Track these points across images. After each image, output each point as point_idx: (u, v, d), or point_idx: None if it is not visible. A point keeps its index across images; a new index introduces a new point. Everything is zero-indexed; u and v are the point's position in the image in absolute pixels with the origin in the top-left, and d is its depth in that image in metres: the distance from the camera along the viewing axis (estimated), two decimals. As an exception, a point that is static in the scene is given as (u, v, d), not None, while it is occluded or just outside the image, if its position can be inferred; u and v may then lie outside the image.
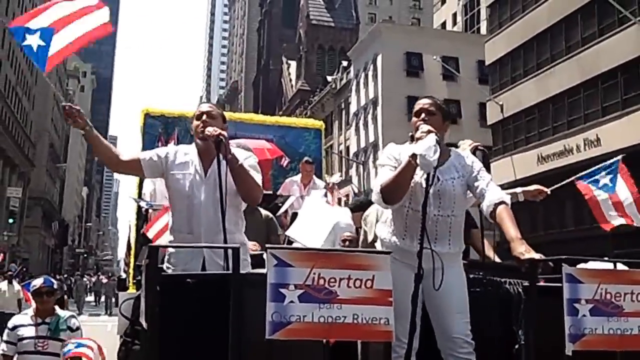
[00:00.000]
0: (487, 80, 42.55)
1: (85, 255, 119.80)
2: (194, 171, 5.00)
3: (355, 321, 3.84)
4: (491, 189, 4.67)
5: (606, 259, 6.33)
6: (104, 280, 47.82)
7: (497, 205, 4.54)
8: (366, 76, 59.38)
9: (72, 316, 7.15)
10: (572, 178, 8.14)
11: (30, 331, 6.91)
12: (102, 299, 44.87)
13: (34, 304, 7.33)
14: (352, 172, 60.22)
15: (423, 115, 4.74)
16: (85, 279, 50.13)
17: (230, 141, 5.10)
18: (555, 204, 29.60)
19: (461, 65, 54.16)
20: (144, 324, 4.28)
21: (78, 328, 7.02)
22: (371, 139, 57.05)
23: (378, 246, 5.02)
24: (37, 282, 7.20)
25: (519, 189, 6.53)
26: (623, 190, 7.97)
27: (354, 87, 62.84)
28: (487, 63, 41.83)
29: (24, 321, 6.97)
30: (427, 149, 4.36)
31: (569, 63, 33.24)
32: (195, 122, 5.08)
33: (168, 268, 4.90)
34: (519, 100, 37.01)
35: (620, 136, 28.72)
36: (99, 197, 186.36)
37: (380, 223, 5.04)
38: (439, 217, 4.65)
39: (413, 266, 4.36)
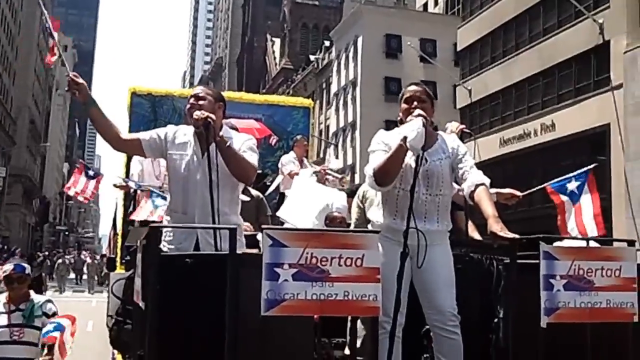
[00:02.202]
0: (461, 65, 45.30)
1: (67, 233, 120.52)
2: (191, 152, 5.17)
3: (345, 298, 4.09)
4: (473, 172, 5.01)
5: (579, 236, 7.52)
6: (88, 260, 48.34)
7: (477, 186, 4.91)
8: (347, 57, 61.82)
9: (48, 301, 6.82)
10: (545, 185, 8.51)
11: (2, 319, 6.56)
12: (84, 277, 46.01)
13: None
14: (330, 151, 62.68)
15: (415, 103, 5.02)
16: (67, 258, 50.73)
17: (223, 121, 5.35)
18: (525, 184, 32.45)
19: (439, 47, 56.86)
20: (141, 304, 4.47)
21: (55, 313, 6.69)
22: (350, 119, 59.67)
23: (370, 228, 5.24)
24: (7, 267, 6.86)
25: (493, 190, 6.30)
26: (587, 204, 8.27)
27: (335, 68, 65.25)
28: (458, 49, 44.55)
29: None
30: (412, 131, 4.68)
31: (531, 52, 35.86)
32: (187, 106, 5.28)
33: (163, 246, 5.02)
34: (485, 85, 39.67)
35: (572, 122, 31.51)
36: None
37: (374, 207, 5.30)
38: (427, 196, 4.93)
39: (403, 244, 4.63)
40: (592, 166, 8.58)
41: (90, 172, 12.09)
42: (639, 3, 28.59)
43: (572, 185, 8.30)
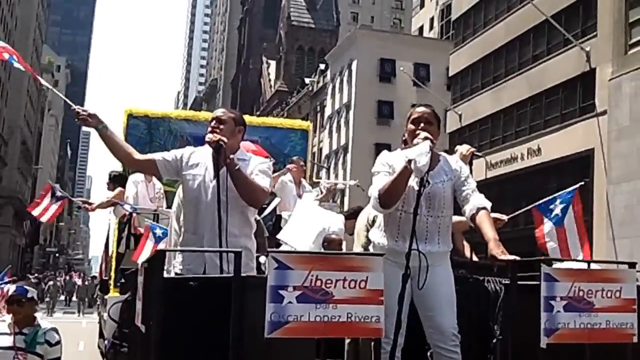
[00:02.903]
0: (453, 89, 46.33)
1: (57, 255, 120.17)
2: (204, 173, 5.33)
3: (349, 319, 4.15)
4: (475, 195, 5.12)
5: (580, 258, 7.57)
6: (79, 282, 48.51)
7: (479, 209, 5.03)
8: (341, 81, 63.45)
9: (53, 329, 6.64)
10: (530, 206, 8.54)
11: (7, 341, 6.46)
12: (74, 298, 46.41)
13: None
14: (322, 174, 63.65)
15: (422, 124, 5.06)
16: (57, 280, 50.79)
17: None
18: (511, 207, 33.53)
19: (432, 71, 58.21)
20: (141, 326, 4.55)
21: (58, 342, 6.55)
22: (342, 141, 60.98)
23: (372, 250, 5.30)
24: (10, 289, 6.82)
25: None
26: (570, 227, 8.26)
27: (329, 91, 66.81)
28: (450, 74, 45.77)
29: (0, 329, 6.49)
30: (419, 154, 4.71)
31: (520, 78, 36.99)
32: (208, 128, 5.42)
33: (174, 266, 5.35)
34: (475, 110, 40.80)
35: (558, 147, 32.66)
36: (72, 194, 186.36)
37: (374, 228, 5.34)
38: (429, 217, 4.99)
39: (404, 266, 4.68)
40: (578, 185, 8.64)
41: (58, 194, 11.90)
42: (624, 32, 29.65)
43: (556, 208, 8.29)
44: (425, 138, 4.85)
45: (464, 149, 6.89)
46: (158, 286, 4.40)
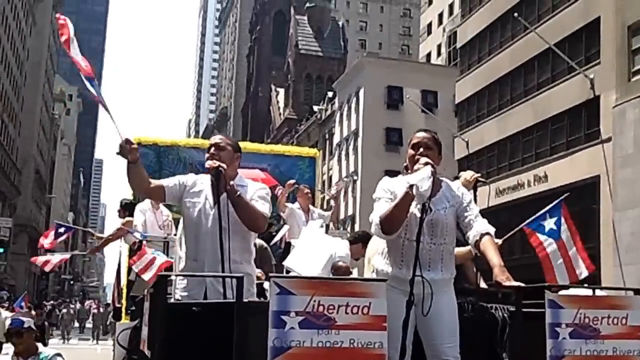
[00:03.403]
0: (461, 116, 46.44)
1: (72, 282, 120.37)
2: (204, 200, 5.32)
3: (351, 345, 4.09)
4: (478, 220, 5.00)
5: (586, 285, 7.12)
6: (94, 310, 48.26)
7: (482, 235, 4.91)
8: (349, 108, 63.54)
9: (57, 354, 6.62)
10: (521, 226, 8.32)
11: None
12: (89, 325, 46.16)
13: None
14: (332, 202, 63.56)
15: (421, 149, 4.99)
16: (71, 307, 50.66)
17: None
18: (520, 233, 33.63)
19: (440, 98, 58.10)
20: (146, 352, 4.54)
21: None
22: (351, 169, 61.02)
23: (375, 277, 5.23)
24: (7, 322, 7.05)
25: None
26: (568, 240, 8.09)
27: (337, 118, 66.97)
28: (456, 102, 45.88)
29: None
30: (421, 179, 4.66)
31: (525, 105, 37.05)
32: (206, 155, 5.42)
33: (175, 293, 5.28)
34: (482, 137, 40.85)
35: (564, 174, 32.59)
36: (85, 222, 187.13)
37: (377, 255, 5.21)
38: (432, 245, 4.90)
39: (408, 293, 4.66)
40: (563, 197, 8.45)
41: (61, 230, 12.29)
42: (628, 59, 29.77)
43: (549, 223, 8.11)
44: (427, 163, 4.82)
45: (468, 175, 6.81)
46: (162, 311, 4.43)
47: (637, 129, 28.37)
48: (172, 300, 5.15)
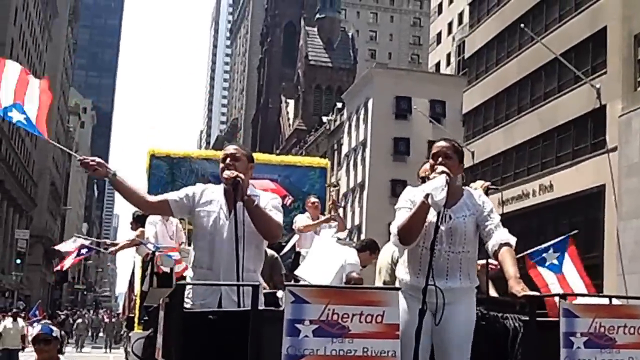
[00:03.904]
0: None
1: (85, 292, 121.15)
2: (218, 210, 5.27)
3: (365, 354, 4.06)
4: (499, 230, 4.93)
5: (602, 294, 7.60)
6: (106, 320, 48.90)
7: (502, 245, 4.84)
8: (357, 119, 63.62)
9: None
10: (524, 253, 8.11)
11: None
12: (101, 333, 46.87)
13: None
14: (340, 211, 63.62)
15: (440, 158, 4.95)
16: (85, 317, 51.34)
17: None
18: (522, 244, 33.61)
19: (448, 107, 57.97)
20: None
21: None
22: (359, 179, 61.02)
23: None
24: (36, 329, 6.83)
25: None
26: (571, 272, 7.99)
27: (346, 129, 67.08)
28: (463, 112, 45.82)
29: None
30: (434, 188, 4.65)
31: (532, 115, 37.00)
32: (221, 165, 5.35)
33: (186, 303, 5.08)
34: (488, 147, 40.78)
35: (570, 183, 32.58)
36: (99, 233, 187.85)
37: (399, 264, 5.21)
38: (450, 253, 4.85)
39: (426, 302, 4.65)
40: (572, 233, 8.29)
41: (83, 251, 12.52)
42: (634, 69, 29.71)
43: (550, 257, 8.03)
44: (442, 172, 4.78)
45: (478, 184, 6.62)
46: (177, 320, 4.44)
47: (643, 138, 28.26)
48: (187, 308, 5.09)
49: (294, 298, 4.05)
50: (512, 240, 4.90)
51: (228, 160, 5.31)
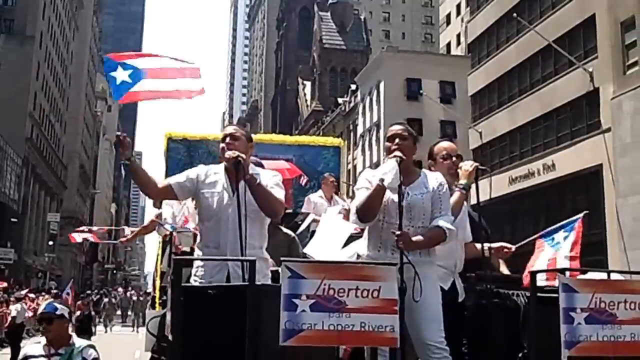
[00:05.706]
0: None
1: (115, 271, 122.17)
2: (222, 189, 5.23)
3: (362, 329, 4.05)
4: (442, 216, 5.04)
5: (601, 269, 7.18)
6: (135, 298, 48.57)
7: (433, 227, 4.97)
8: (371, 100, 64.16)
9: (90, 346, 6.11)
10: (536, 235, 7.82)
11: None
12: (129, 312, 46.79)
13: None
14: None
15: (397, 140, 5.10)
16: (113, 296, 51.35)
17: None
18: (532, 221, 34.62)
19: (458, 89, 57.60)
20: (170, 337, 4.54)
21: (96, 359, 6.03)
22: (374, 159, 61.63)
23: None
24: (40, 307, 6.37)
25: (486, 245, 6.01)
26: (565, 248, 7.53)
27: (360, 110, 67.63)
28: (469, 94, 46.36)
29: (35, 351, 6.03)
30: (384, 173, 4.83)
31: (532, 97, 37.60)
32: (221, 145, 5.34)
33: (195, 281, 5.11)
34: (494, 128, 41.35)
35: (570, 163, 33.28)
36: (127, 213, 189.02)
37: (361, 240, 5.31)
38: (410, 228, 4.91)
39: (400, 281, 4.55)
40: (582, 215, 7.79)
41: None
42: (622, 54, 30.29)
43: (559, 237, 7.57)
44: (394, 156, 4.96)
45: (467, 165, 6.24)
46: (179, 295, 4.46)
47: (634, 119, 28.97)
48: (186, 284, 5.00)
49: (290, 273, 4.06)
50: (448, 227, 4.98)
51: (228, 139, 5.32)
